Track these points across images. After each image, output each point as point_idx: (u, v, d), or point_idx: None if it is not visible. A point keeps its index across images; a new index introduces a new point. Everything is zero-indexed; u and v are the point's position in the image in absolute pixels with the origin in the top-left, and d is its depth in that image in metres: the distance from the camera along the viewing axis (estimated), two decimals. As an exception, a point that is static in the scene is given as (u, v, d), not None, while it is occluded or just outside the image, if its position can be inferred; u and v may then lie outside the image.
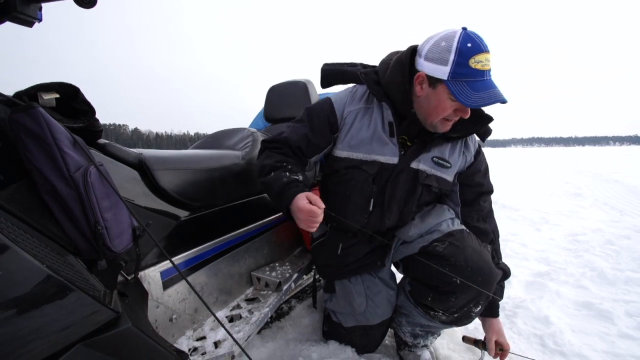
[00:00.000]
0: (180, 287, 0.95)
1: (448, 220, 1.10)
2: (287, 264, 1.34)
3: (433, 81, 0.94)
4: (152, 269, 0.88)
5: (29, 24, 0.67)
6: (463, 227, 1.10)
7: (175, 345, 0.89)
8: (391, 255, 1.18)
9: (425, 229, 1.09)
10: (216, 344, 0.91)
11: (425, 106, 0.99)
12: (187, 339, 0.94)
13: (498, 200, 4.33)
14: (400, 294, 1.22)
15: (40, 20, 0.67)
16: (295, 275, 1.25)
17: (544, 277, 2.01)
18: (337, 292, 1.21)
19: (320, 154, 1.12)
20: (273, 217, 1.39)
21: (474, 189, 1.15)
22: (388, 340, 1.35)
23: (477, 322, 1.51)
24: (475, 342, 1.19)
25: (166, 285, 0.91)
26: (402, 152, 1.05)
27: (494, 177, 1.22)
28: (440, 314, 1.06)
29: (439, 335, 1.26)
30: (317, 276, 1.51)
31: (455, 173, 1.11)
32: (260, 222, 1.31)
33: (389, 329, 1.27)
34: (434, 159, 1.06)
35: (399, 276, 1.27)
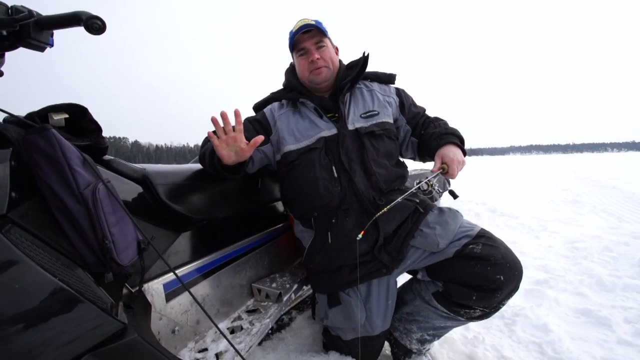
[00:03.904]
0: (183, 299, 0.97)
1: (465, 222, 1.16)
2: (287, 275, 1.35)
3: (294, 57, 1.28)
4: (155, 281, 0.90)
5: (41, 49, 0.70)
6: (479, 226, 1.17)
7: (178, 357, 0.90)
8: (406, 265, 1.16)
9: (452, 235, 1.11)
10: (218, 356, 0.92)
11: (301, 77, 1.27)
12: (189, 350, 0.95)
13: (497, 209, 4.35)
14: (413, 300, 1.23)
15: (51, 45, 0.70)
16: (295, 286, 1.27)
17: (542, 284, 2.02)
18: (335, 307, 1.19)
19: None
20: (273, 228, 1.42)
21: (419, 120, 1.32)
22: (388, 350, 1.36)
23: (477, 325, 1.52)
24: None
25: (169, 297, 0.93)
26: (337, 124, 1.20)
27: (493, 185, 1.25)
28: (479, 310, 1.08)
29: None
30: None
31: (392, 114, 1.28)
32: (260, 233, 1.34)
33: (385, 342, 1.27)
34: (362, 115, 1.22)
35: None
